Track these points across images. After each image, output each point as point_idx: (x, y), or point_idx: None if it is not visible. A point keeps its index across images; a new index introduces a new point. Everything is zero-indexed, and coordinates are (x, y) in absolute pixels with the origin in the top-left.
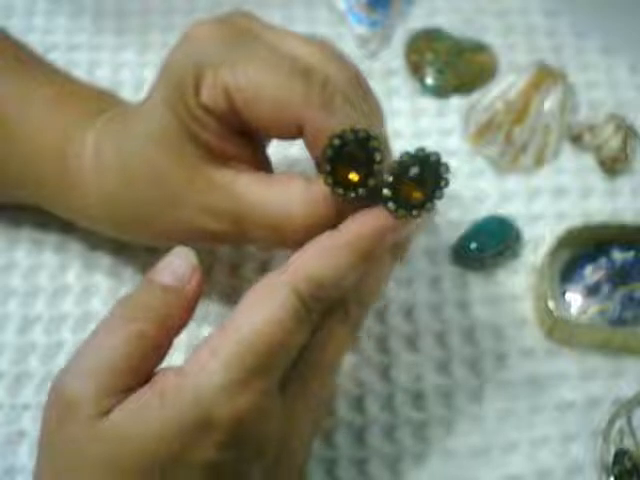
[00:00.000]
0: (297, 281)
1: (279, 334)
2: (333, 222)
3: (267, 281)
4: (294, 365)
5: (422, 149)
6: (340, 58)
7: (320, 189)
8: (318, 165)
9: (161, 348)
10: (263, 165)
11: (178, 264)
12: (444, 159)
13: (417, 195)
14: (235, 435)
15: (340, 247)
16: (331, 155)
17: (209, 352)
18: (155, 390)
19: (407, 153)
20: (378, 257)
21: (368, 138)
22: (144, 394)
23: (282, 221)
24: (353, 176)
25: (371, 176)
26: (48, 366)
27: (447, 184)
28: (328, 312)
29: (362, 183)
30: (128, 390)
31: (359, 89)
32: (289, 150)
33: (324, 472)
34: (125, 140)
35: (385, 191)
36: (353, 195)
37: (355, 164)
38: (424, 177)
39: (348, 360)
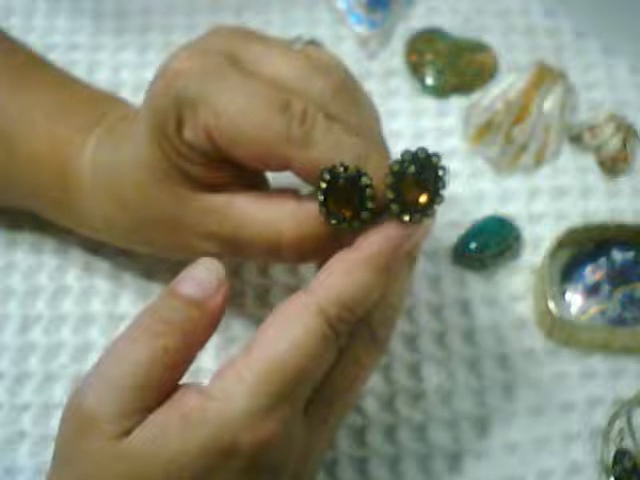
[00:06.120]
0: (325, 304)
1: (306, 360)
2: (328, 238)
3: (294, 301)
4: (319, 386)
5: (410, 152)
6: (324, 67)
7: (312, 207)
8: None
9: (184, 364)
10: (258, 181)
11: (204, 276)
12: (442, 157)
13: (423, 199)
14: (257, 460)
15: (361, 264)
16: (323, 188)
17: (234, 376)
18: (177, 411)
19: (400, 159)
20: (397, 270)
21: (359, 175)
22: (166, 415)
23: (274, 240)
24: (346, 212)
25: (364, 210)
26: (48, 366)
27: (445, 172)
28: (353, 334)
29: (355, 217)
30: (150, 408)
31: (345, 97)
32: None
33: (324, 472)
34: (117, 162)
35: (393, 206)
36: (346, 226)
37: (347, 198)
38: (424, 178)
39: None
